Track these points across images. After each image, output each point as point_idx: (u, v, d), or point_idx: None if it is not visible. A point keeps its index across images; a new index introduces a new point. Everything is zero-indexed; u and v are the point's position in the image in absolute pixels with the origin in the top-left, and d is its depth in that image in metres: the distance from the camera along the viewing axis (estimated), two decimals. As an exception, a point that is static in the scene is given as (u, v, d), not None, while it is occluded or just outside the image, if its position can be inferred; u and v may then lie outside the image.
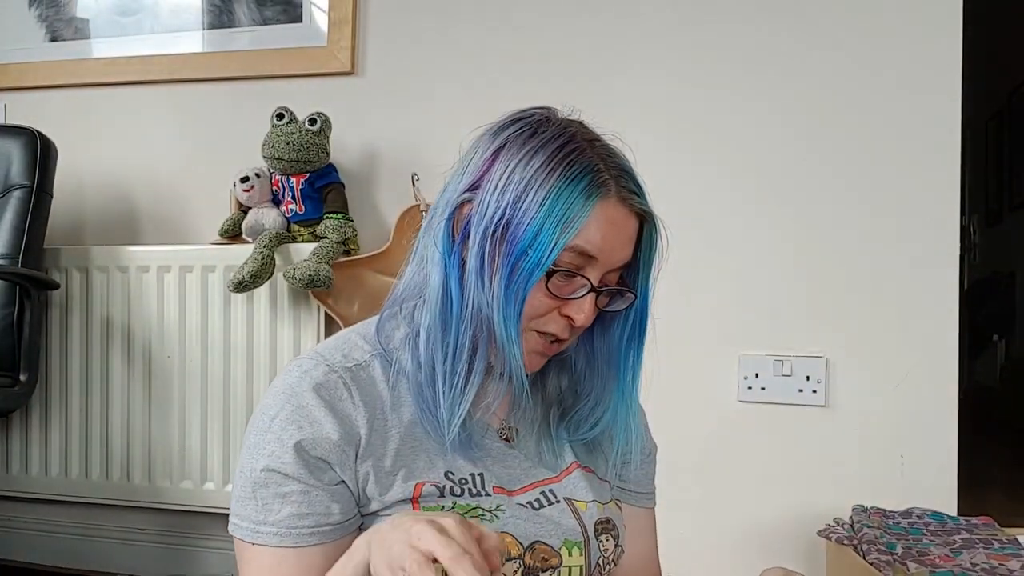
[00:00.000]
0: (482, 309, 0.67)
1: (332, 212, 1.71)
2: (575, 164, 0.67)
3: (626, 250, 0.70)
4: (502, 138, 0.70)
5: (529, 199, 0.66)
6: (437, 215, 0.71)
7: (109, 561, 1.89)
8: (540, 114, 0.72)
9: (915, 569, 1.16)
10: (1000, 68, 4.01)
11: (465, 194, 0.70)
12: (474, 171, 0.70)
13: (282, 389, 0.68)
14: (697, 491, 1.61)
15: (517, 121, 0.71)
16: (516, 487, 0.74)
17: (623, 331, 0.75)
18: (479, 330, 0.68)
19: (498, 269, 0.66)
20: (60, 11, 2.01)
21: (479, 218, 0.67)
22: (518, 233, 0.65)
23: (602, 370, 0.77)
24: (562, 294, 0.68)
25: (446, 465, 0.71)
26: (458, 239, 0.69)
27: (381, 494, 0.68)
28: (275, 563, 0.65)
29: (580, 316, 0.68)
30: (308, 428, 0.66)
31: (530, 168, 0.67)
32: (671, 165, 1.63)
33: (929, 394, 1.52)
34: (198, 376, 1.75)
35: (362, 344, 0.73)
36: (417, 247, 0.74)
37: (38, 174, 1.72)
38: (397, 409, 0.70)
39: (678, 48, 1.66)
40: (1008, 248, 4.05)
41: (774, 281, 1.60)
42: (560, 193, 0.65)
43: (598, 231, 0.67)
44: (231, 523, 0.68)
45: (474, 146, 0.73)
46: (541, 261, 0.65)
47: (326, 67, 1.83)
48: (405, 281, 0.74)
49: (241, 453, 0.69)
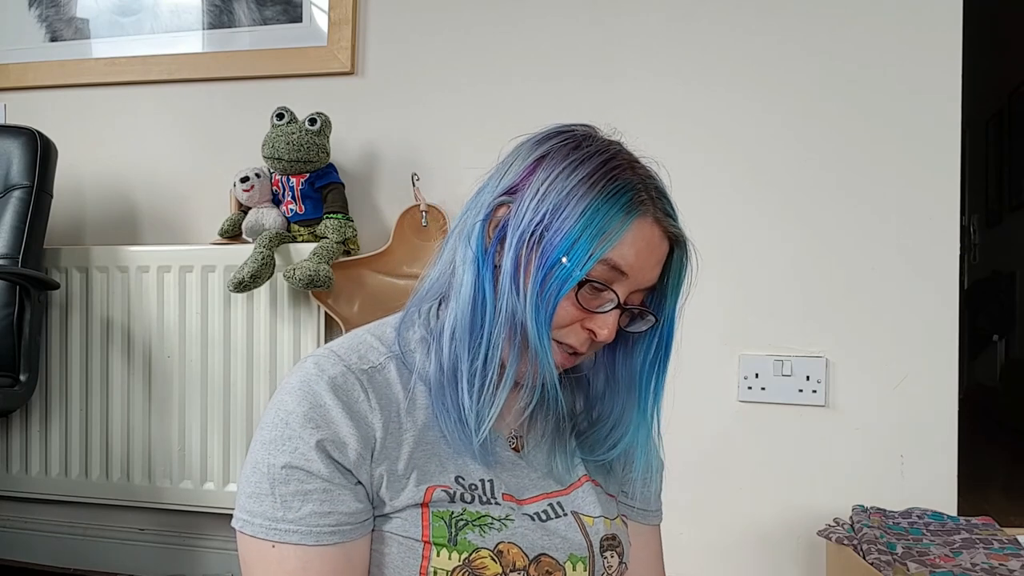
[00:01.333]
0: (516, 314, 0.67)
1: (332, 212, 1.71)
2: (617, 180, 0.68)
3: (655, 271, 0.71)
4: (545, 147, 0.70)
5: (569, 208, 0.66)
6: (471, 216, 0.71)
7: (109, 561, 1.89)
8: (583, 130, 0.73)
9: (915, 569, 1.16)
10: (1000, 68, 4.01)
11: (502, 197, 0.70)
12: (513, 176, 0.70)
13: (299, 386, 0.67)
14: (697, 491, 1.61)
15: (561, 133, 0.72)
16: (524, 496, 0.74)
17: (646, 356, 0.76)
18: (512, 335, 0.68)
19: (531, 275, 0.66)
20: (60, 11, 2.01)
21: (516, 222, 0.67)
22: (555, 240, 0.66)
23: (622, 394, 0.77)
24: (589, 307, 0.69)
25: (457, 469, 0.71)
26: (492, 241, 0.69)
27: (393, 497, 0.68)
28: (287, 561, 0.65)
29: (603, 331, 0.69)
30: (326, 428, 0.65)
31: (573, 178, 0.67)
32: (671, 165, 1.63)
33: (929, 394, 1.52)
34: (198, 376, 1.75)
35: (377, 346, 0.72)
36: (444, 249, 0.74)
37: (38, 174, 1.72)
38: (412, 412, 0.70)
39: (678, 48, 1.66)
40: (1008, 248, 4.05)
41: (774, 281, 1.60)
42: (600, 206, 0.66)
43: (632, 248, 0.68)
44: (239, 519, 0.67)
45: (514, 152, 0.73)
46: (575, 270, 0.65)
47: (326, 67, 1.83)
48: (430, 281, 0.74)
49: (252, 448, 0.68)
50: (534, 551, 0.70)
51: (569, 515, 0.75)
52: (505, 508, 0.71)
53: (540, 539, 0.71)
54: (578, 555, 0.73)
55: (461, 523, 0.69)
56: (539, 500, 0.75)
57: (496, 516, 0.70)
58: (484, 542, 0.69)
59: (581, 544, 0.74)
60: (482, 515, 0.69)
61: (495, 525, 0.69)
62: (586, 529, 0.75)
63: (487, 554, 0.68)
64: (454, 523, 0.68)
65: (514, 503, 0.72)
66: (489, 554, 0.68)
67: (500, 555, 0.69)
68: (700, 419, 1.62)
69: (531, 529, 0.71)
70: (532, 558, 0.70)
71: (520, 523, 0.71)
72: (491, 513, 0.70)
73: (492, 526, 0.69)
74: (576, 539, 0.74)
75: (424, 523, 0.68)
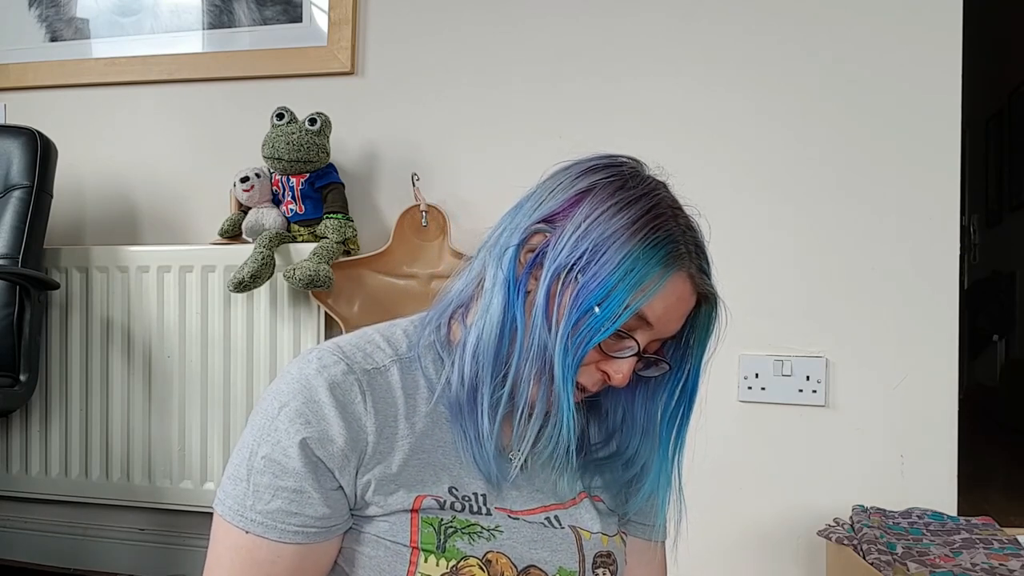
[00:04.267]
0: (546, 349, 0.66)
1: (332, 212, 1.71)
2: (660, 230, 0.67)
3: (679, 324, 0.72)
4: (590, 181, 0.69)
5: (609, 253, 0.65)
6: (505, 236, 0.70)
7: (109, 561, 1.89)
8: (630, 166, 0.73)
9: (915, 569, 1.16)
10: (1000, 68, 4.01)
11: (540, 225, 0.69)
12: (554, 205, 0.69)
13: (297, 378, 0.67)
14: (697, 491, 1.60)
15: (608, 168, 0.71)
16: (519, 508, 0.73)
17: (668, 405, 0.76)
18: (540, 369, 0.67)
19: (564, 314, 0.66)
20: (60, 11, 2.01)
21: (554, 255, 0.66)
22: (591, 286, 0.65)
23: (639, 434, 0.78)
24: (609, 351, 0.69)
25: (452, 480, 0.70)
26: (526, 267, 0.68)
27: (383, 500, 0.68)
28: (250, 549, 0.66)
29: (618, 376, 0.69)
30: (316, 425, 0.65)
31: (616, 221, 0.66)
32: (671, 165, 1.63)
33: (929, 394, 1.52)
34: (198, 376, 1.75)
35: (384, 347, 0.72)
36: (473, 262, 0.73)
37: (38, 174, 1.72)
38: (410, 418, 0.70)
39: (679, 48, 1.66)
40: (1008, 248, 4.05)
41: (774, 281, 1.60)
42: (640, 255, 0.65)
43: (663, 302, 0.68)
44: (217, 497, 0.68)
45: (556, 178, 0.72)
46: (608, 322, 0.65)
47: (326, 67, 1.83)
48: (456, 292, 0.74)
49: (245, 432, 0.68)
50: (523, 562, 0.70)
51: (567, 528, 0.75)
52: (496, 519, 0.71)
53: (530, 551, 0.71)
54: (568, 568, 0.73)
55: (450, 530, 0.68)
56: (537, 512, 0.74)
57: (485, 526, 0.70)
58: (473, 550, 0.68)
59: (573, 558, 0.73)
60: (471, 523, 0.69)
61: (484, 534, 0.69)
62: (582, 542, 0.75)
63: (475, 562, 0.68)
64: (443, 530, 0.68)
65: (506, 514, 0.72)
66: (477, 562, 0.68)
67: (488, 564, 0.69)
68: (700, 419, 1.61)
69: (521, 541, 0.71)
70: (521, 569, 0.70)
71: (510, 534, 0.71)
72: (480, 523, 0.70)
73: (481, 535, 0.69)
74: (568, 553, 0.73)
75: (413, 528, 0.68)
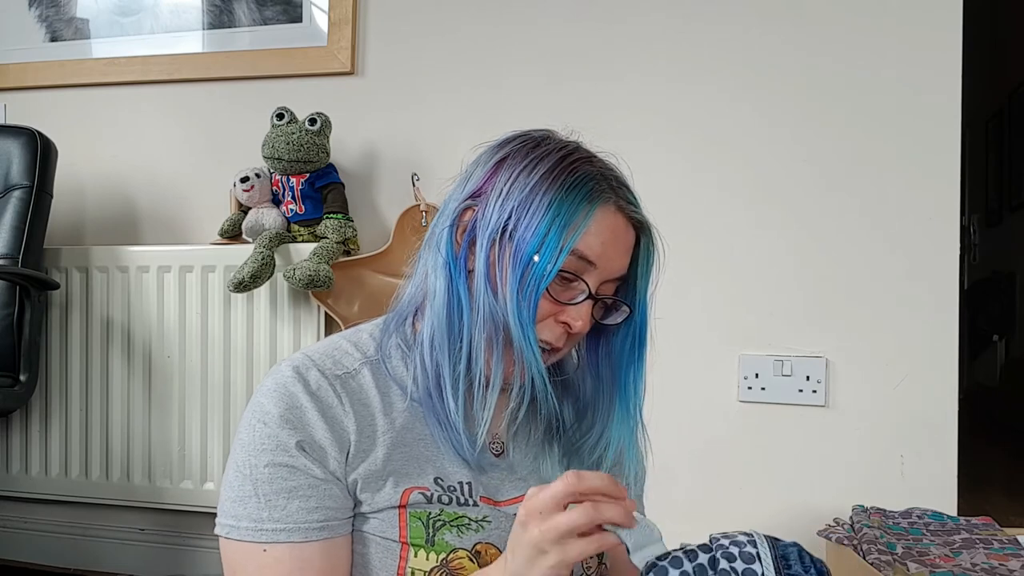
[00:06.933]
0: (495, 314, 0.67)
1: (332, 212, 1.71)
2: (577, 172, 0.68)
3: (623, 260, 0.71)
4: (505, 150, 0.72)
5: (535, 204, 0.67)
6: (439, 224, 0.72)
7: (109, 561, 1.89)
8: (541, 132, 0.74)
9: (915, 569, 1.16)
10: (1000, 68, 4.01)
11: (467, 201, 0.71)
12: (477, 180, 0.71)
13: (274, 388, 0.68)
14: (697, 491, 1.61)
15: (519, 137, 0.73)
16: (503, 498, 0.74)
17: (623, 347, 0.75)
18: (492, 336, 0.68)
19: (507, 274, 0.67)
20: (60, 11, 2.01)
21: (484, 224, 0.68)
22: (526, 236, 0.66)
23: (607, 392, 0.77)
24: (562, 299, 0.69)
25: (436, 471, 0.71)
26: (462, 245, 0.70)
27: (370, 498, 0.69)
28: (273, 564, 0.65)
29: (578, 322, 0.69)
30: (302, 430, 0.67)
31: (534, 175, 0.68)
32: (671, 166, 1.63)
33: (929, 394, 1.52)
34: (198, 376, 1.75)
35: (352, 351, 0.74)
36: (417, 263, 0.75)
37: (38, 174, 1.72)
38: (388, 414, 0.71)
39: (677, 50, 1.66)
40: (1008, 248, 4.05)
41: (774, 281, 1.60)
42: (564, 197, 0.67)
43: (598, 237, 0.68)
44: (223, 526, 0.67)
45: (476, 160, 0.74)
46: (548, 265, 0.66)
47: (326, 67, 1.83)
48: (408, 296, 0.75)
49: (233, 453, 0.68)
50: None
51: None
52: (483, 510, 0.71)
53: None
54: None
55: (439, 524, 0.69)
56: (518, 501, 0.74)
57: (473, 517, 0.70)
58: (462, 543, 0.69)
59: None
60: (459, 516, 0.70)
61: (472, 526, 0.70)
62: None
63: (464, 554, 0.69)
64: (432, 524, 0.69)
65: (491, 505, 0.72)
66: (467, 554, 0.69)
67: (478, 555, 0.69)
68: (700, 419, 1.61)
69: (507, 530, 0.71)
70: None
71: (497, 524, 0.71)
72: (468, 514, 0.70)
73: (469, 527, 0.70)
74: None
75: (402, 524, 0.69)
